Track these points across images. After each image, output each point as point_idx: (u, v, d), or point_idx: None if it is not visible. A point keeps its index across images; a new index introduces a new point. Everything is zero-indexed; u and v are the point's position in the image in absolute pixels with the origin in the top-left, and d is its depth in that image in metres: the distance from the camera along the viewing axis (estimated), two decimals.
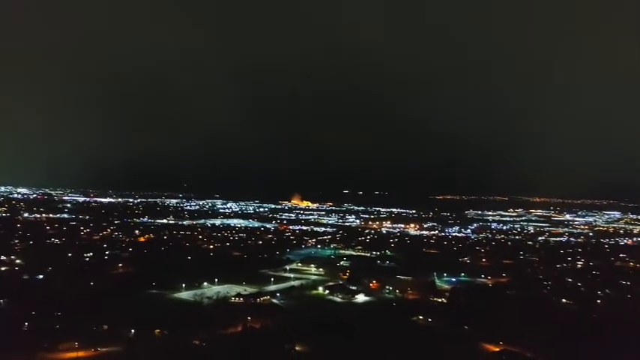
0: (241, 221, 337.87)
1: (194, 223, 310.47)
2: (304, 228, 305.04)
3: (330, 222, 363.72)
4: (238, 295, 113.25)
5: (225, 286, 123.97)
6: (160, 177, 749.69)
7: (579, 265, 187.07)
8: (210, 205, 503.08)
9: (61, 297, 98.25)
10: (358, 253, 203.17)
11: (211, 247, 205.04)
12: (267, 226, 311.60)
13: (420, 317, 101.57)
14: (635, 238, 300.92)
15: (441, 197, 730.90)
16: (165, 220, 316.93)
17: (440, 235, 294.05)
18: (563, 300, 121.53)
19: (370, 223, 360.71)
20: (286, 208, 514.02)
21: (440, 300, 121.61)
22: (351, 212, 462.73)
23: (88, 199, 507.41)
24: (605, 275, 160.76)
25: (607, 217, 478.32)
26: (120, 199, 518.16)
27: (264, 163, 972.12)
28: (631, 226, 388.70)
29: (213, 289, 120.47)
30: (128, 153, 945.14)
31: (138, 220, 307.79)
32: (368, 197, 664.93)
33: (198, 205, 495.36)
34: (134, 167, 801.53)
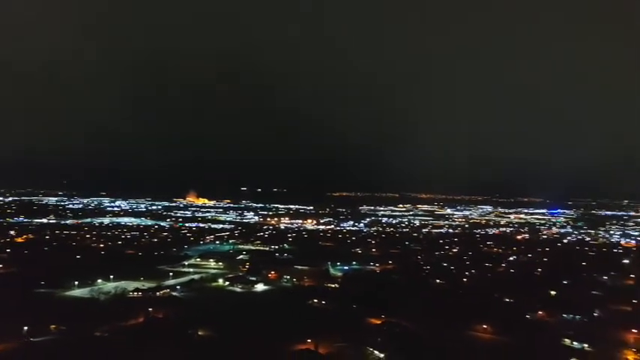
0: (133, 219, 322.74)
1: (79, 222, 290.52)
2: (201, 225, 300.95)
3: (228, 219, 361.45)
4: (137, 289, 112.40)
5: (122, 282, 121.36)
6: (35, 175, 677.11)
7: (454, 252, 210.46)
8: (96, 203, 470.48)
9: None
10: (257, 248, 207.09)
11: (102, 245, 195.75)
12: (162, 224, 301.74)
13: (315, 301, 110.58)
14: (501, 229, 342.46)
15: (337, 194, 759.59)
16: (45, 220, 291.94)
17: (335, 229, 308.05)
18: (438, 280, 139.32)
19: (269, 219, 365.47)
20: (181, 205, 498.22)
21: (333, 285, 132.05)
22: (249, 209, 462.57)
23: None
24: (473, 259, 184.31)
25: (481, 210, 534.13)
26: None
27: (157, 161, 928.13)
28: (499, 219, 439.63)
29: (109, 286, 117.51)
30: None
31: (12, 220, 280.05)
32: (266, 194, 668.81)
33: (82, 203, 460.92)
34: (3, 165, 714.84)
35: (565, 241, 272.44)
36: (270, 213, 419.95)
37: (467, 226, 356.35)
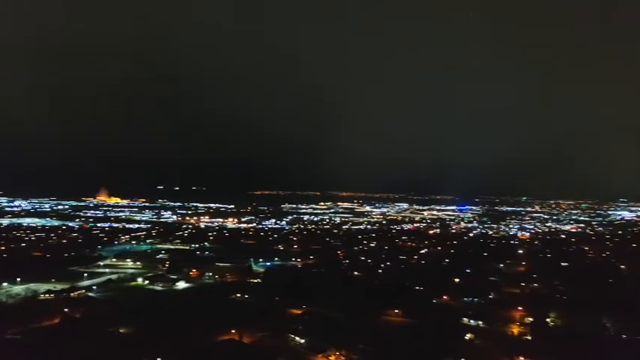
0: (36, 220, 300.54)
1: None
2: (115, 225, 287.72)
3: (144, 218, 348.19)
4: (48, 291, 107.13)
5: (31, 284, 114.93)
6: None
7: (372, 247, 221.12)
8: None
9: None
10: (177, 247, 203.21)
11: (3, 248, 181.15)
12: (70, 224, 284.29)
13: (238, 295, 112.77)
14: (415, 224, 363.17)
15: (259, 193, 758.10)
16: None
17: (257, 227, 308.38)
18: (356, 273, 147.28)
19: (188, 218, 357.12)
20: (91, 205, 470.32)
21: (256, 280, 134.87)
22: (166, 208, 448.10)
23: None
24: (388, 253, 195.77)
25: (397, 207, 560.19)
26: None
27: (62, 158, 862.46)
28: (414, 215, 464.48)
29: (16, 289, 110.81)
30: None
31: None
32: (185, 193, 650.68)
33: None
34: None
35: (471, 234, 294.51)
36: (190, 212, 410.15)
37: (384, 222, 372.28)
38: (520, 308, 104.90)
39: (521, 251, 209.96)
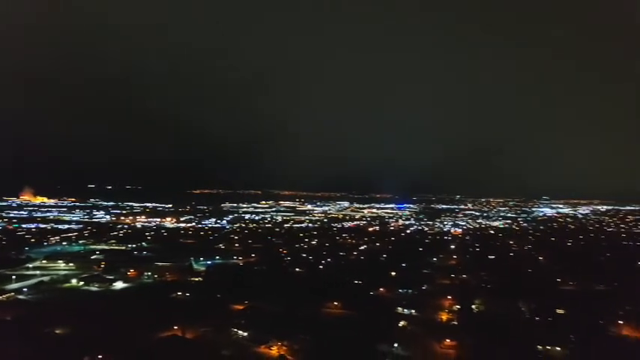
0: None
1: None
2: (42, 226, 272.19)
3: (74, 218, 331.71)
4: None
5: None
6: None
7: (313, 244, 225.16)
8: None
9: None
10: (112, 247, 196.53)
11: None
12: None
13: (179, 293, 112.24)
14: (355, 222, 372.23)
15: (198, 192, 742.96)
16: None
17: (197, 226, 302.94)
18: (297, 269, 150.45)
19: (123, 218, 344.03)
20: (14, 205, 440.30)
21: (197, 279, 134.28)
22: (99, 208, 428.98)
23: None
24: (329, 250, 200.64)
25: (339, 206, 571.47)
26: None
27: None
28: (354, 213, 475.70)
29: None
30: None
31: None
32: (118, 192, 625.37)
33: None
34: None
35: (408, 231, 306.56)
36: (124, 211, 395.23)
37: (325, 220, 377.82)
38: (449, 297, 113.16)
39: (453, 246, 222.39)
